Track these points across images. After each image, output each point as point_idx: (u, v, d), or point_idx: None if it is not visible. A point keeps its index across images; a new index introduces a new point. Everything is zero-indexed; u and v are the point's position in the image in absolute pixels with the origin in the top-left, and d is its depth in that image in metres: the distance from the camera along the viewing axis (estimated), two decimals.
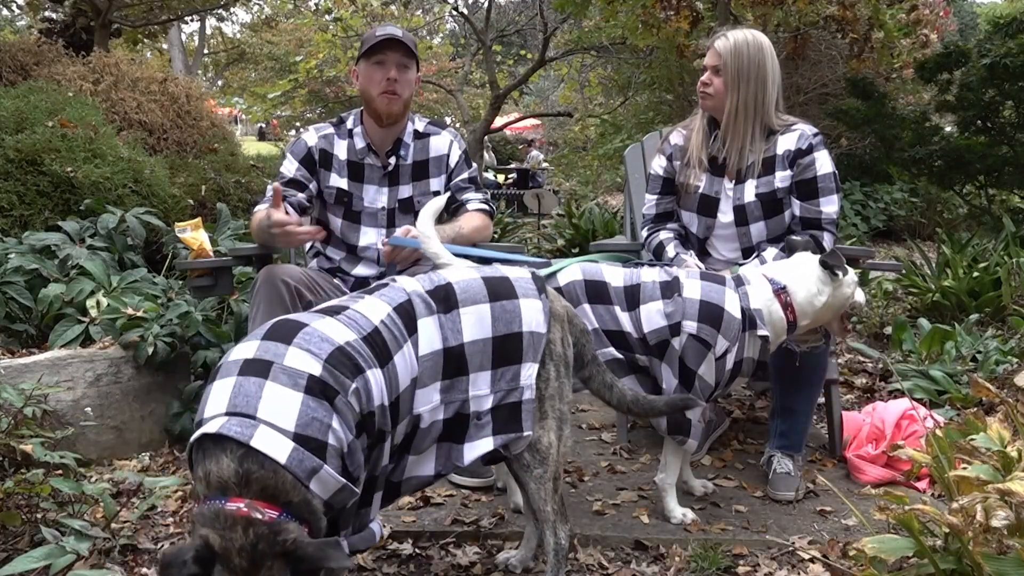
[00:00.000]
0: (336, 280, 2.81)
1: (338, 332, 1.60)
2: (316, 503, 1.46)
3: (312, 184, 2.78)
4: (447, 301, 1.77)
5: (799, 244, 2.44)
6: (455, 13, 10.74)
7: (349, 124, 2.82)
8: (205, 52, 21.51)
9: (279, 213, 2.44)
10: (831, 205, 2.63)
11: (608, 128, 9.27)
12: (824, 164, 2.63)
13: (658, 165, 2.85)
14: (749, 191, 2.67)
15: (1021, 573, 1.44)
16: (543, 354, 1.81)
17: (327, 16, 10.24)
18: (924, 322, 4.23)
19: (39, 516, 2.21)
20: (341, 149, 2.79)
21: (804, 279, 2.34)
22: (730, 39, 2.63)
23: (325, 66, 10.15)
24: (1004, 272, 4.57)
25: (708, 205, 2.74)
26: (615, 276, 2.37)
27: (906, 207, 8.60)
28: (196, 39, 21.35)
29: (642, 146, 3.47)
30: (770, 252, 2.63)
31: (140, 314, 3.04)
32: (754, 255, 2.67)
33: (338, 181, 2.78)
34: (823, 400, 2.91)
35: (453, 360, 1.74)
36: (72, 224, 3.77)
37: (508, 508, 2.45)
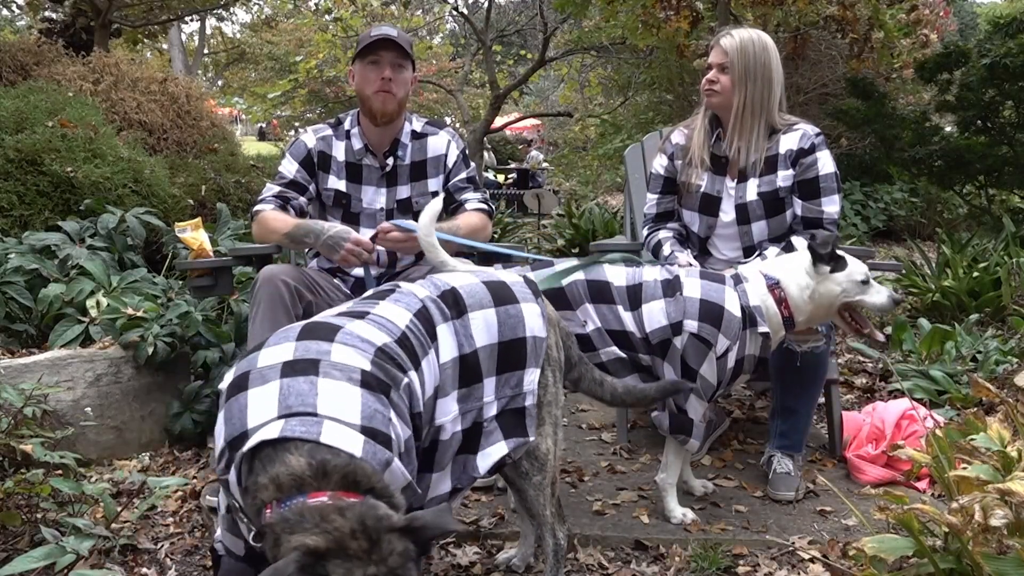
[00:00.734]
0: (336, 280, 2.81)
1: (373, 334, 1.56)
2: (397, 494, 1.35)
3: (311, 186, 2.78)
4: (457, 306, 1.74)
5: (828, 239, 2.36)
6: (455, 13, 10.75)
7: (346, 125, 2.82)
8: (205, 52, 21.50)
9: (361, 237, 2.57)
10: (832, 205, 2.64)
11: (608, 128, 9.27)
12: (826, 164, 2.63)
13: (659, 164, 2.85)
14: (751, 190, 2.67)
15: (1021, 573, 1.44)
16: (543, 359, 1.80)
17: (327, 16, 10.24)
18: (924, 322, 4.23)
19: (39, 516, 2.21)
20: (339, 151, 2.79)
21: (795, 272, 2.33)
22: (736, 37, 2.63)
23: (325, 66, 10.14)
24: (1004, 272, 4.57)
25: (710, 204, 2.74)
26: (617, 275, 2.37)
27: (906, 207, 8.60)
28: (196, 39, 21.35)
29: (642, 146, 3.47)
30: (772, 251, 2.63)
31: (140, 314, 3.04)
32: (756, 254, 2.67)
33: (336, 183, 2.78)
34: (823, 400, 2.91)
35: (468, 367, 1.70)
36: (72, 224, 3.77)
37: (508, 508, 2.45)
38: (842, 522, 2.40)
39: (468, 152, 2.97)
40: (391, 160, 2.79)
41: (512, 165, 16.19)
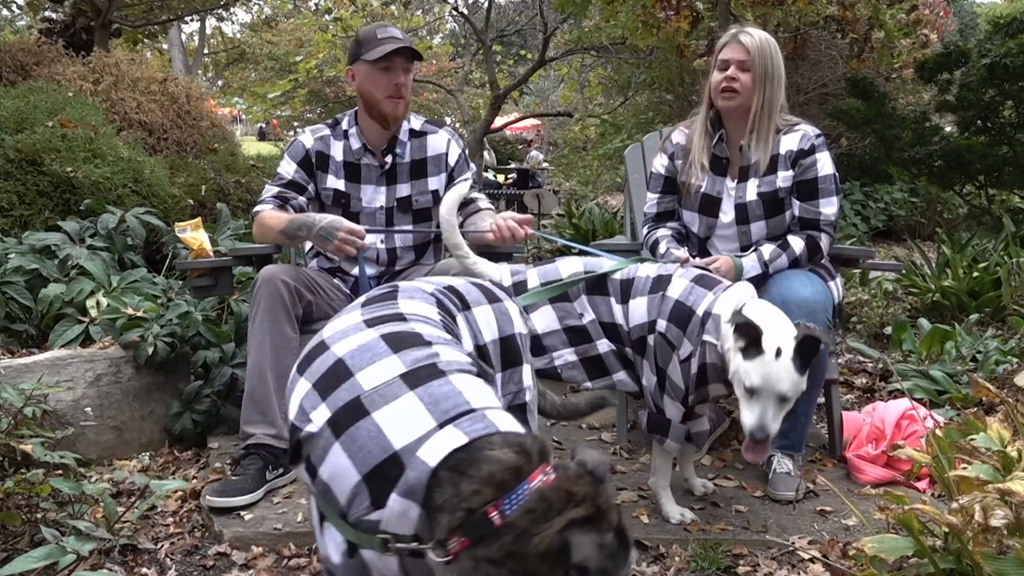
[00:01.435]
0: (336, 280, 2.81)
1: (436, 332, 1.52)
2: None
3: (310, 186, 2.78)
4: (462, 300, 1.72)
5: (814, 338, 2.00)
6: (455, 13, 10.74)
7: (344, 125, 2.82)
8: (205, 52, 21.50)
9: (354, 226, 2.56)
10: (830, 207, 2.64)
11: (608, 128, 9.26)
12: (825, 165, 2.63)
13: (660, 164, 2.85)
14: (751, 190, 2.67)
15: (1021, 573, 1.44)
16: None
17: (327, 16, 10.23)
18: (924, 322, 4.23)
19: (39, 516, 2.21)
20: (337, 150, 2.80)
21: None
22: (756, 36, 2.62)
23: (325, 66, 10.13)
24: (1004, 272, 4.57)
25: (710, 204, 2.74)
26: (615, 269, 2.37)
27: (906, 207, 8.59)
28: (196, 39, 21.35)
29: (642, 146, 3.47)
30: (767, 247, 2.63)
31: (140, 314, 3.04)
32: (751, 250, 2.67)
33: (335, 183, 2.78)
34: (823, 400, 2.91)
35: (485, 360, 1.67)
36: (72, 224, 3.77)
37: None
38: (842, 522, 2.40)
39: (468, 152, 2.98)
40: (390, 158, 2.79)
41: (512, 165, 16.17)
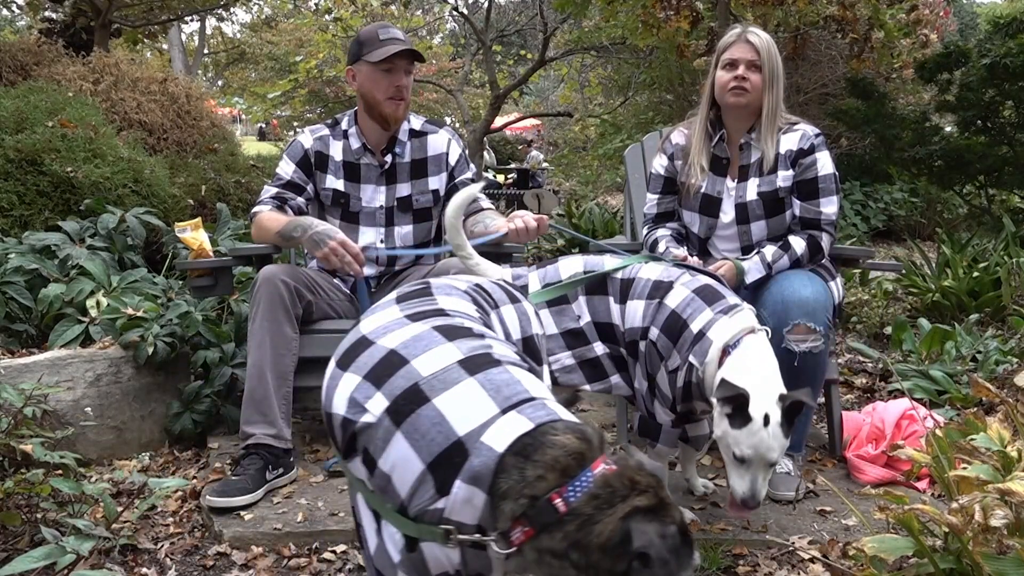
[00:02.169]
0: (336, 280, 2.81)
1: (480, 329, 1.51)
2: None
3: (309, 186, 2.78)
4: (491, 298, 1.70)
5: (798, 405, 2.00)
6: (455, 13, 10.74)
7: (344, 125, 2.82)
8: (205, 52, 21.50)
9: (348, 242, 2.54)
10: (831, 206, 2.64)
11: (608, 128, 9.27)
12: (825, 165, 2.63)
13: (659, 164, 2.85)
14: (751, 189, 2.67)
15: (1021, 573, 1.44)
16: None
17: (327, 16, 10.23)
18: (924, 322, 4.23)
19: (39, 516, 2.21)
20: (336, 150, 2.79)
21: (746, 373, 1.97)
22: (763, 36, 2.64)
23: (325, 66, 10.14)
24: (1004, 272, 4.57)
25: (710, 205, 2.74)
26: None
27: (906, 207, 8.59)
28: (196, 39, 21.35)
29: (642, 146, 3.47)
30: (769, 249, 2.63)
31: (140, 314, 3.04)
32: (754, 253, 2.67)
33: (334, 183, 2.78)
34: (823, 400, 2.91)
35: None
36: (72, 224, 3.77)
37: None
38: (842, 522, 2.40)
39: (468, 152, 2.98)
40: (389, 158, 2.79)
41: (512, 165, 16.18)
